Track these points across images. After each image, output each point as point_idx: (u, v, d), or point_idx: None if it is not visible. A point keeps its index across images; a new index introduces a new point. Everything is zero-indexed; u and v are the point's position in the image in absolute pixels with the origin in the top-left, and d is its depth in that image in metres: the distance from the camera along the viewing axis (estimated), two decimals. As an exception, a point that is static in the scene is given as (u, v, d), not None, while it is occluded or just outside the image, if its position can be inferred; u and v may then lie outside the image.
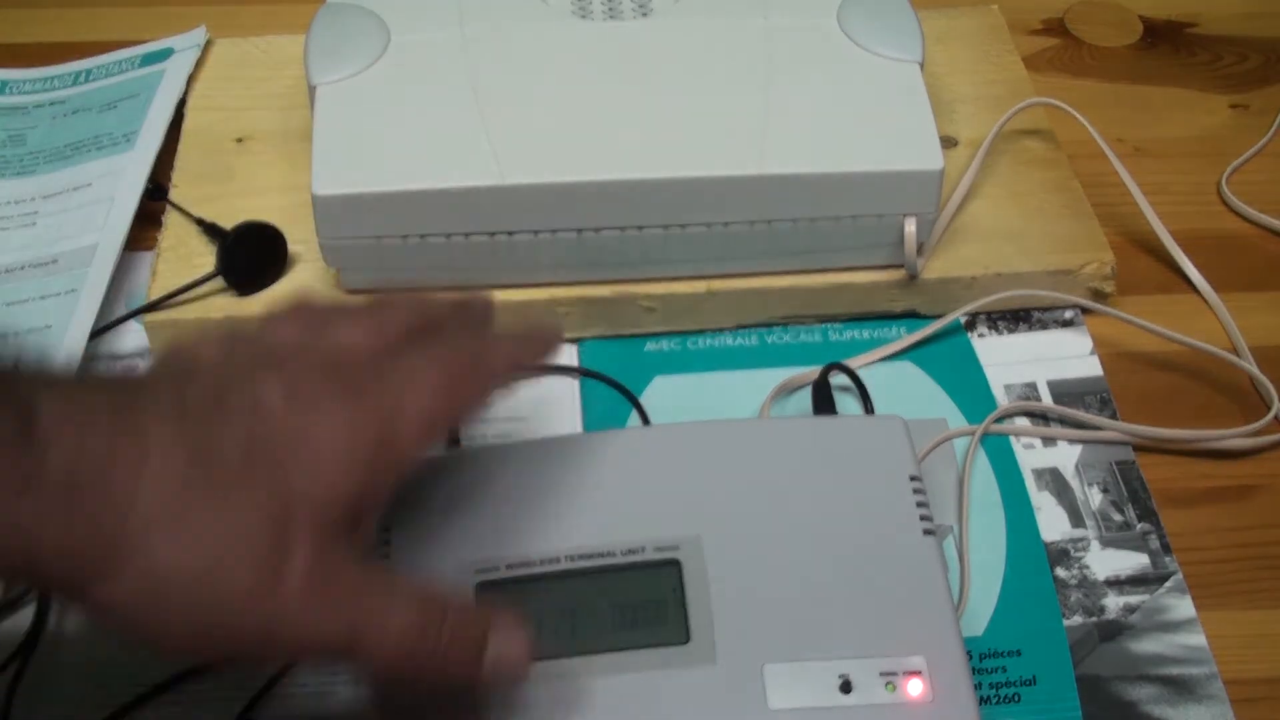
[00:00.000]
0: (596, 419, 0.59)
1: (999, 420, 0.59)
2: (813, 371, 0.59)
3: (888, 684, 0.45)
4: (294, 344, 0.40)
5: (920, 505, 0.49)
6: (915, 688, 0.44)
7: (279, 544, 0.35)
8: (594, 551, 0.47)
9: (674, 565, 0.47)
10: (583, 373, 0.61)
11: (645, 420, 0.58)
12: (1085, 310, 0.64)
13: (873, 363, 0.61)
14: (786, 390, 0.60)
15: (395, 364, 0.40)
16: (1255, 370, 0.60)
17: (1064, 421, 0.59)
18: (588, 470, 0.50)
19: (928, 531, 0.48)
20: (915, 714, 0.44)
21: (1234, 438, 0.58)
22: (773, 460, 0.50)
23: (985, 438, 0.58)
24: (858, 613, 0.46)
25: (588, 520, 0.48)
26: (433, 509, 0.49)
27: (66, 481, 0.32)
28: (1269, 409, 0.59)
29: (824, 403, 0.58)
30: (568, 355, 0.62)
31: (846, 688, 0.45)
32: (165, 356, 0.40)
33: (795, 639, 0.46)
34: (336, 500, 0.36)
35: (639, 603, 0.46)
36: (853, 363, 0.60)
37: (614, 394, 0.60)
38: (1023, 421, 0.59)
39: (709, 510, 0.48)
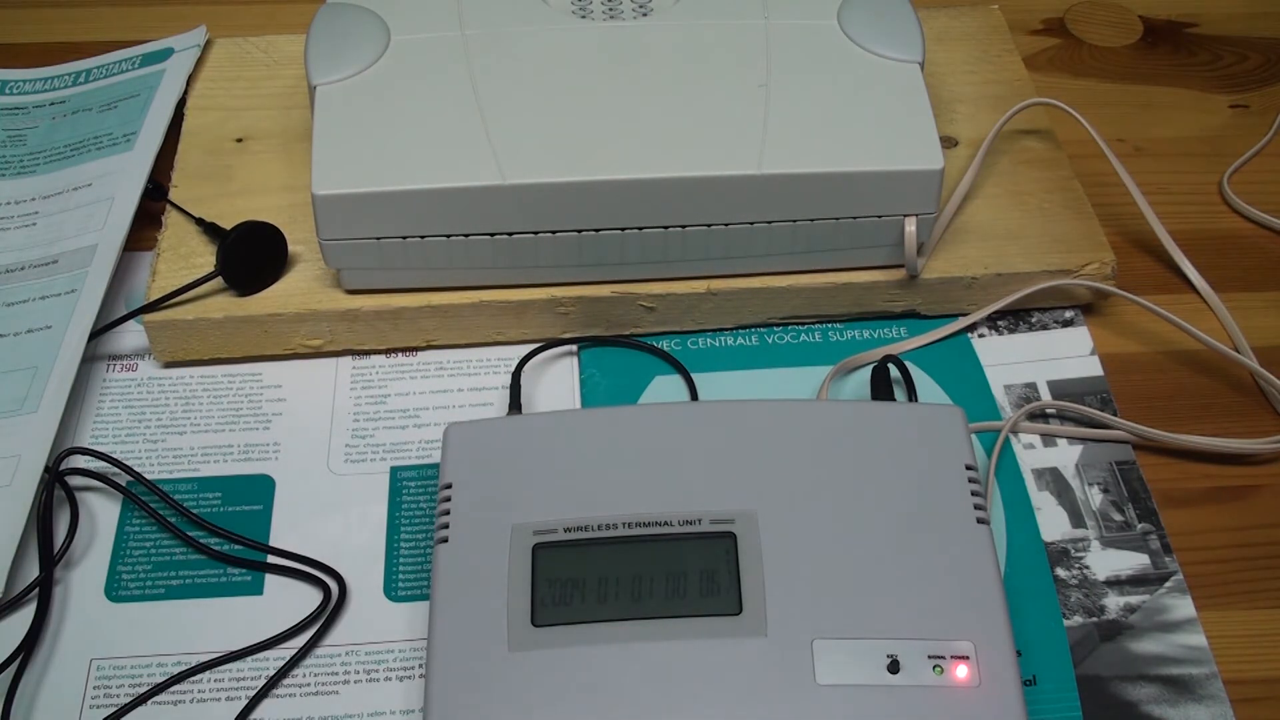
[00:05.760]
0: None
1: (997, 419, 0.59)
2: (860, 358, 0.60)
3: (935, 666, 0.45)
4: None
5: (975, 495, 0.49)
6: (962, 672, 0.45)
7: None
8: (651, 520, 0.48)
9: (729, 538, 0.48)
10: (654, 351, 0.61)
11: None
12: (1085, 310, 0.64)
13: (873, 363, 0.61)
14: (841, 374, 0.60)
15: None
16: (1257, 367, 0.60)
17: (1080, 421, 0.59)
18: (648, 440, 0.51)
19: (981, 520, 0.49)
20: (961, 697, 0.45)
21: (1239, 442, 0.58)
22: (832, 441, 0.51)
23: (985, 437, 0.58)
24: (908, 595, 0.47)
25: (646, 489, 0.49)
26: (492, 470, 0.49)
27: None
28: (1274, 409, 0.59)
29: (883, 390, 0.58)
30: (567, 354, 0.62)
31: (894, 667, 0.45)
32: None
33: (845, 617, 0.46)
34: None
35: (693, 572, 0.47)
36: (853, 362, 0.60)
37: (613, 393, 0.60)
38: (1025, 420, 0.59)
39: (766, 486, 0.49)
